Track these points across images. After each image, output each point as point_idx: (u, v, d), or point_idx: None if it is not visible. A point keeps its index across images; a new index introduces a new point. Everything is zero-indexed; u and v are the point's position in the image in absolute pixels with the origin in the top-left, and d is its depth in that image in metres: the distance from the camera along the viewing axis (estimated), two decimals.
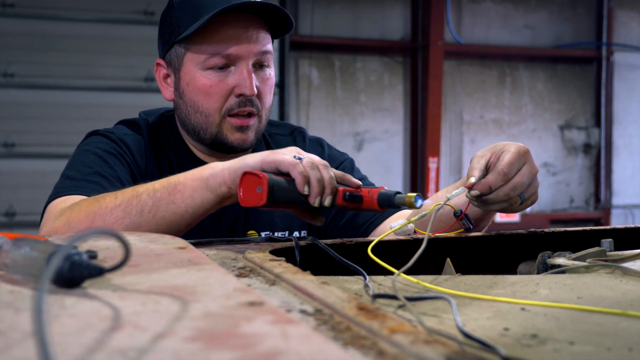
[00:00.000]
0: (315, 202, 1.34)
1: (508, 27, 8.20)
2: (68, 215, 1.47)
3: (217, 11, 1.68)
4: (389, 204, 1.35)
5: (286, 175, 1.35)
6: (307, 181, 1.33)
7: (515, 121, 8.27)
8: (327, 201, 1.35)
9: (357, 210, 1.39)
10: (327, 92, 7.57)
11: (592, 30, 8.50)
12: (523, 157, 1.46)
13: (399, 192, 1.35)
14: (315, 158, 1.37)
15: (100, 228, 0.75)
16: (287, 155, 1.36)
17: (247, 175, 1.33)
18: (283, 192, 1.33)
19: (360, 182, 1.40)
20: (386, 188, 1.37)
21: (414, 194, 1.33)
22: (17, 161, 6.35)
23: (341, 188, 1.37)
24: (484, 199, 1.45)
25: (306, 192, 1.33)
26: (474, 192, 1.44)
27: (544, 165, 8.36)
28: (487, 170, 1.46)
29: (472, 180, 1.43)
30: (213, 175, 1.40)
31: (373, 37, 7.65)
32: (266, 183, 1.30)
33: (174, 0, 1.79)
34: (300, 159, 1.35)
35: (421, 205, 1.33)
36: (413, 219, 1.42)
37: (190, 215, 1.42)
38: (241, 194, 1.33)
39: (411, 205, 1.32)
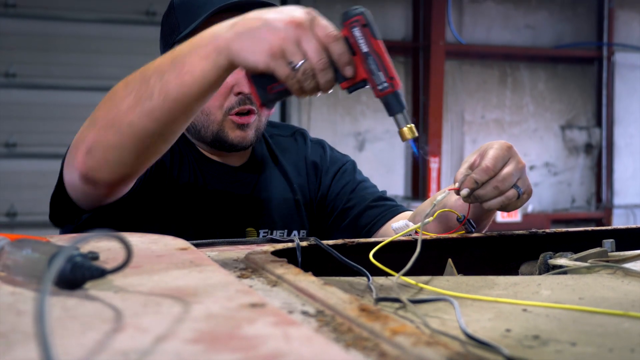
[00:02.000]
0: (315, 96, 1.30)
1: (509, 27, 8.20)
2: (89, 119, 1.48)
3: (213, 10, 1.69)
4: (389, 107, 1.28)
5: None
6: (303, 91, 1.26)
7: (516, 121, 8.26)
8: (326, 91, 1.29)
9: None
10: None
11: (593, 30, 8.49)
12: (507, 152, 1.47)
13: (403, 112, 1.28)
14: (313, 54, 1.23)
15: (102, 230, 0.75)
16: (288, 57, 1.23)
17: (249, 82, 1.32)
18: (280, 99, 1.32)
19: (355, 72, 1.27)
20: (394, 87, 1.27)
21: (410, 137, 1.28)
22: (18, 161, 6.35)
23: (343, 85, 1.28)
24: (477, 196, 1.46)
25: (304, 97, 1.29)
26: (464, 191, 1.45)
27: (545, 165, 8.36)
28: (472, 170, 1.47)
29: (457, 184, 1.46)
30: (220, 54, 1.29)
31: None
32: (264, 108, 1.30)
33: (175, 1, 1.80)
34: (298, 65, 1.24)
35: (409, 144, 1.30)
36: (415, 226, 1.43)
37: (203, 93, 1.36)
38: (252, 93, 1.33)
39: (402, 136, 1.28)
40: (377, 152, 7.70)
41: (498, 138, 7.84)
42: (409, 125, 1.27)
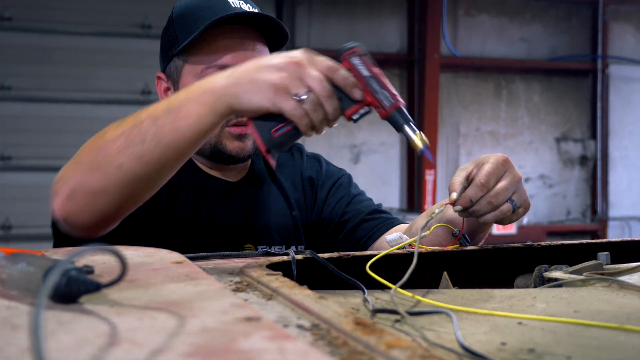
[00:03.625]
0: (321, 133, 1.31)
1: (504, 40, 8.23)
2: (75, 156, 1.45)
3: (210, 22, 1.69)
4: (395, 127, 1.32)
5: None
6: (312, 125, 1.28)
7: (511, 133, 8.28)
8: (332, 125, 1.31)
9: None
10: None
11: (587, 43, 8.53)
12: (502, 165, 1.48)
13: (412, 124, 1.31)
14: (317, 85, 1.25)
15: (97, 245, 0.75)
16: (292, 91, 1.25)
17: (251, 128, 1.31)
18: (287, 143, 1.31)
19: (362, 95, 1.30)
20: (398, 105, 1.32)
21: (421, 146, 1.30)
22: (13, 174, 6.34)
23: (348, 112, 1.30)
24: (471, 211, 1.48)
25: (311, 135, 1.31)
26: (457, 208, 1.47)
27: (541, 177, 8.37)
28: (468, 182, 1.48)
29: (454, 195, 1.46)
30: (219, 99, 1.31)
31: (369, 50, 7.64)
32: (269, 154, 1.29)
33: (174, 14, 1.81)
34: (304, 96, 1.26)
35: (422, 153, 1.31)
36: (411, 239, 1.43)
37: (197, 139, 1.36)
38: (256, 140, 1.32)
39: (415, 148, 1.31)
40: (372, 165, 7.71)
41: (493, 150, 7.85)
42: (418, 135, 1.30)
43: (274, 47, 1.85)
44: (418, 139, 1.30)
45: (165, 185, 1.79)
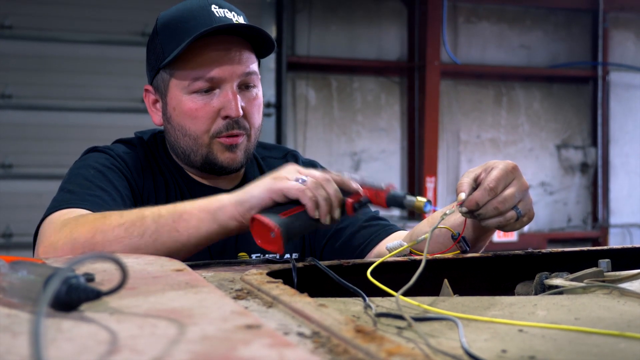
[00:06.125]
0: (326, 220, 1.37)
1: (504, 47, 8.24)
2: (72, 227, 1.47)
3: (195, 36, 1.69)
4: (398, 205, 1.38)
5: (293, 201, 1.37)
6: (317, 204, 1.35)
7: (511, 140, 8.29)
8: (336, 215, 1.38)
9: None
10: (324, 112, 7.58)
11: (588, 50, 8.54)
12: (511, 172, 1.48)
13: (409, 194, 1.37)
14: (316, 174, 1.39)
15: (98, 252, 0.75)
16: (291, 178, 1.37)
17: (257, 221, 1.35)
18: (296, 229, 1.36)
19: (359, 186, 1.41)
20: (393, 187, 1.40)
21: (424, 200, 1.36)
22: (14, 182, 6.35)
23: (349, 200, 1.39)
24: (476, 214, 1.47)
25: (317, 216, 1.36)
26: (463, 210, 1.48)
27: (541, 184, 8.37)
28: (476, 185, 1.48)
29: (462, 196, 1.46)
30: (221, 208, 1.40)
31: (370, 58, 7.68)
32: (279, 233, 1.32)
33: (158, 26, 1.80)
34: (303, 181, 1.36)
35: (429, 211, 1.37)
36: (411, 243, 1.43)
37: (192, 245, 1.43)
38: (258, 240, 1.36)
39: (420, 210, 1.36)
40: (373, 172, 7.71)
41: (494, 158, 7.85)
42: (416, 200, 1.37)
43: (261, 53, 1.84)
44: (418, 202, 1.37)
45: (154, 194, 1.79)
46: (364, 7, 7.64)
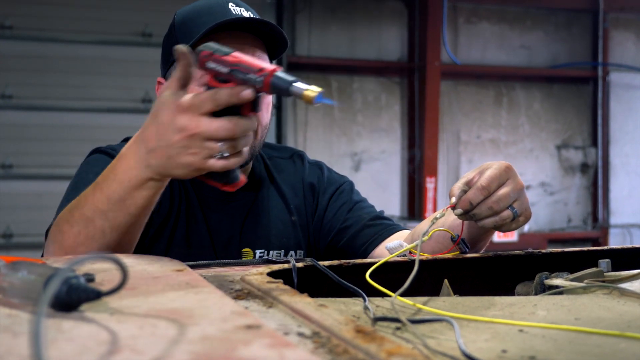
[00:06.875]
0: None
1: (504, 48, 8.24)
2: (55, 233, 1.47)
3: (210, 27, 1.69)
4: (282, 92, 1.22)
5: None
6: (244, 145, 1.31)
7: (512, 141, 8.29)
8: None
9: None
10: (324, 112, 7.58)
11: (588, 50, 8.54)
12: (505, 172, 1.48)
13: (301, 81, 1.21)
14: (220, 134, 1.27)
15: (98, 252, 0.75)
16: (210, 154, 1.29)
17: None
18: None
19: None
20: (281, 69, 1.24)
21: (318, 90, 1.18)
22: (14, 182, 6.35)
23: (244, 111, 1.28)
24: (471, 215, 1.48)
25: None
26: (458, 211, 1.48)
27: (541, 184, 8.37)
28: (469, 187, 1.48)
29: (453, 200, 1.47)
30: (146, 167, 1.35)
31: (370, 58, 7.68)
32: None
33: (175, 21, 1.81)
34: (223, 155, 1.29)
35: (319, 103, 1.19)
36: (410, 245, 1.43)
37: (147, 213, 1.42)
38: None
39: (309, 101, 1.18)
40: (373, 173, 7.71)
41: (494, 158, 7.86)
42: (306, 89, 1.19)
43: (274, 54, 1.85)
44: (308, 91, 1.18)
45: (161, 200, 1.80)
46: (364, 7, 7.65)
